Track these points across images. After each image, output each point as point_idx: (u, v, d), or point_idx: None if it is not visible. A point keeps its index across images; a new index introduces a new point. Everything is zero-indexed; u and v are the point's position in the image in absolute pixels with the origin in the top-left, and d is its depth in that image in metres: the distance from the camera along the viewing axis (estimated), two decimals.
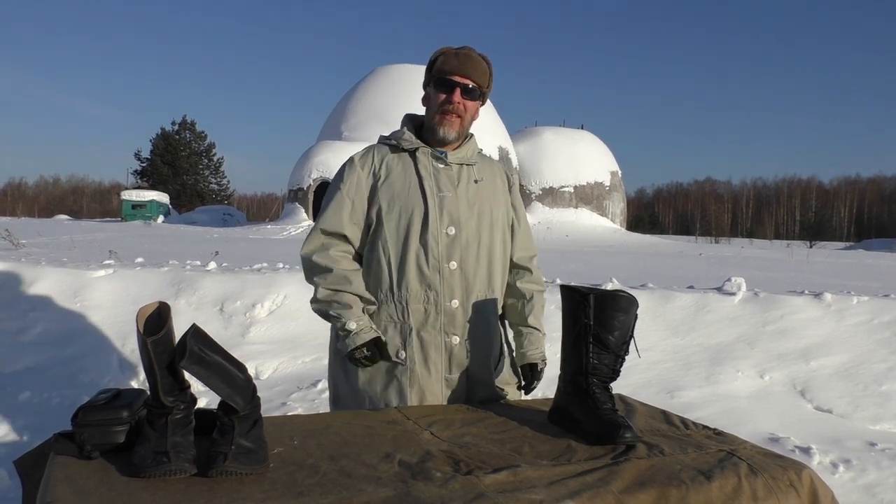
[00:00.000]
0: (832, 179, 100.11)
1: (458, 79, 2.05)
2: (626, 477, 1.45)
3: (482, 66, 2.09)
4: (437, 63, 2.08)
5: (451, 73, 2.05)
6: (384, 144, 2.15)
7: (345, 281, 2.00)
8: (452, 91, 2.05)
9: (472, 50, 2.10)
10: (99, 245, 11.69)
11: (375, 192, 2.06)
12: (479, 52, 2.12)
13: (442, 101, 2.06)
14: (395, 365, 2.03)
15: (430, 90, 2.11)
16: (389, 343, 2.03)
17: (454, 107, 2.05)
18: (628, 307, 1.75)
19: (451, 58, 2.06)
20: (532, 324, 2.18)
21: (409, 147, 2.09)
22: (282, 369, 4.31)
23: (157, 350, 1.39)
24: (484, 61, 2.10)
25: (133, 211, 37.39)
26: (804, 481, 1.52)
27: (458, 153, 2.11)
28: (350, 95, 32.42)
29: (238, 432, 1.41)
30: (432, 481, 1.39)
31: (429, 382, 2.02)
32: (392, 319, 2.03)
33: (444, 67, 2.06)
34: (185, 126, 58.09)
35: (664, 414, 1.96)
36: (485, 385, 2.11)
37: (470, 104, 2.09)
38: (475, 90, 2.08)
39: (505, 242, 2.15)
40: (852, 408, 4.04)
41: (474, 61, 2.07)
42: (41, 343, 4.28)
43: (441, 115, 2.07)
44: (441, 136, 2.07)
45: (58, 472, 1.35)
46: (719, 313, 4.95)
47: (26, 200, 79.75)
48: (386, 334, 2.03)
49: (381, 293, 2.04)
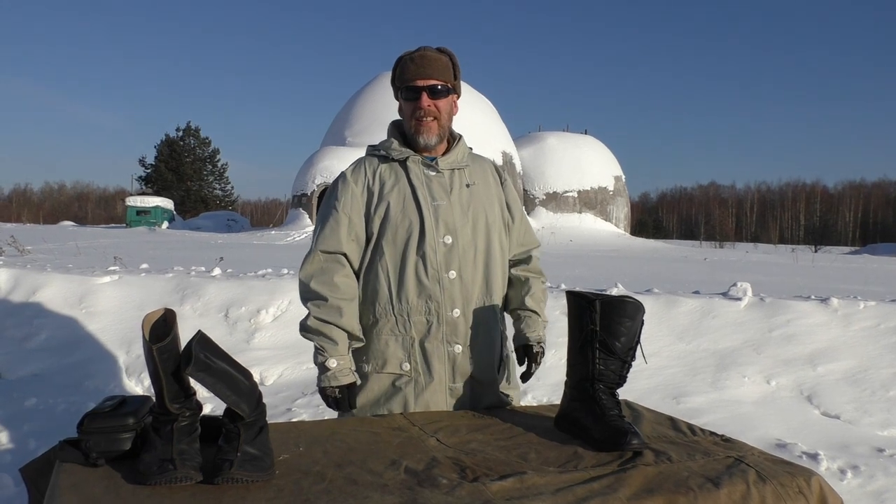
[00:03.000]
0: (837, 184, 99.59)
1: (421, 82, 2.03)
2: (633, 484, 1.44)
3: (441, 61, 2.06)
4: (397, 73, 2.07)
5: (412, 79, 2.03)
6: (373, 156, 2.13)
7: (336, 314, 1.98)
8: (419, 97, 2.03)
9: (426, 49, 2.08)
10: (104, 251, 11.73)
11: (371, 206, 2.05)
12: (437, 47, 2.10)
13: (412, 109, 2.05)
14: (399, 376, 2.02)
15: (400, 101, 2.10)
16: (392, 357, 2.02)
17: (425, 111, 2.04)
18: (635, 313, 1.74)
19: (408, 64, 2.04)
20: (529, 306, 2.15)
21: (398, 157, 2.07)
22: (286, 375, 4.31)
23: (162, 357, 1.39)
24: (442, 56, 2.07)
25: (138, 217, 37.49)
26: (813, 488, 1.50)
27: (448, 158, 2.09)
28: (354, 101, 32.50)
29: (244, 439, 1.41)
30: (438, 488, 1.38)
31: (433, 393, 2.01)
32: (394, 332, 2.02)
33: (405, 75, 2.05)
34: (189, 132, 58.23)
35: (671, 420, 1.95)
36: (489, 391, 2.10)
37: (441, 103, 2.06)
38: (441, 88, 2.05)
39: (502, 243, 2.14)
40: (860, 413, 4.01)
41: (431, 60, 2.04)
42: (46, 349, 4.29)
43: (416, 122, 2.05)
44: (423, 143, 2.06)
45: (64, 479, 1.35)
46: (725, 318, 4.93)
47: (31, 207, 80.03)
48: (388, 348, 2.03)
49: (381, 306, 2.03)
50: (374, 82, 32.44)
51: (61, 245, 14.23)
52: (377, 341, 2.04)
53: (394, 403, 2.02)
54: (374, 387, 2.04)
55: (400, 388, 2.02)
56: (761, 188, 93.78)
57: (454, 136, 2.15)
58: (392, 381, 2.03)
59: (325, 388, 1.99)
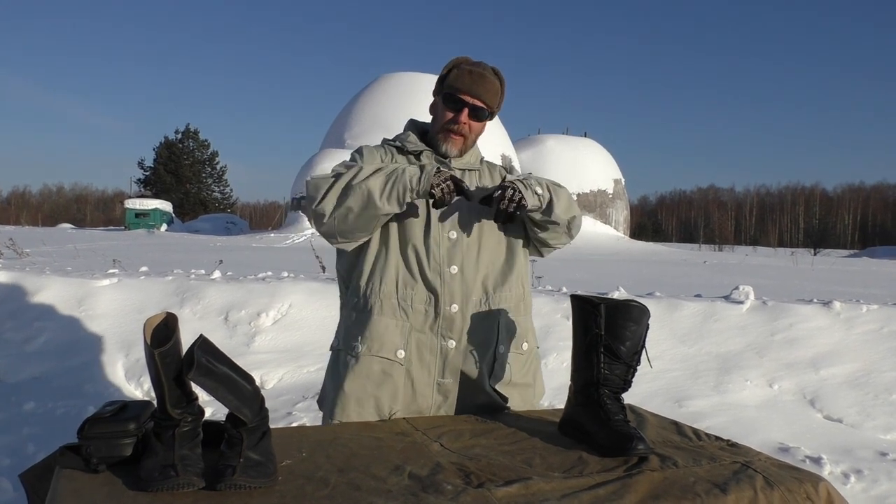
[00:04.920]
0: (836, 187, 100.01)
1: (468, 98, 2.00)
2: (639, 490, 1.43)
3: (494, 85, 2.04)
4: (449, 77, 2.04)
5: (462, 91, 2.01)
6: (390, 146, 2.12)
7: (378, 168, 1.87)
8: (461, 111, 2.01)
9: (486, 68, 2.05)
10: (103, 254, 11.72)
11: None
12: (494, 68, 2.07)
13: (448, 119, 2.03)
14: (392, 363, 1.97)
15: (439, 102, 2.08)
16: (389, 341, 1.97)
17: (459, 127, 2.02)
18: (639, 317, 1.73)
19: (464, 75, 2.01)
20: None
21: (413, 150, 2.07)
22: (287, 379, 4.30)
23: (164, 362, 1.37)
24: (497, 80, 2.05)
25: (136, 220, 37.53)
26: (821, 494, 1.49)
27: (461, 160, 2.10)
28: (353, 103, 32.53)
29: (246, 445, 1.39)
30: (443, 494, 1.37)
31: (421, 385, 1.98)
32: (395, 317, 1.98)
33: (456, 84, 2.01)
34: (188, 135, 58.32)
35: (676, 425, 1.93)
36: (480, 391, 2.04)
37: (476, 125, 2.05)
38: (483, 111, 2.04)
39: (514, 243, 2.11)
40: (863, 417, 4.00)
41: (487, 82, 2.02)
42: (46, 353, 4.27)
43: (446, 132, 2.04)
44: (443, 151, 2.05)
45: (64, 486, 1.34)
46: (727, 322, 4.92)
47: (30, 209, 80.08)
48: (387, 331, 1.97)
49: (385, 289, 1.98)
50: (373, 85, 32.49)
51: (60, 248, 14.22)
52: (378, 323, 1.98)
53: (382, 391, 1.96)
54: (364, 370, 1.97)
55: (390, 376, 1.96)
56: (760, 191, 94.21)
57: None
58: (383, 368, 1.97)
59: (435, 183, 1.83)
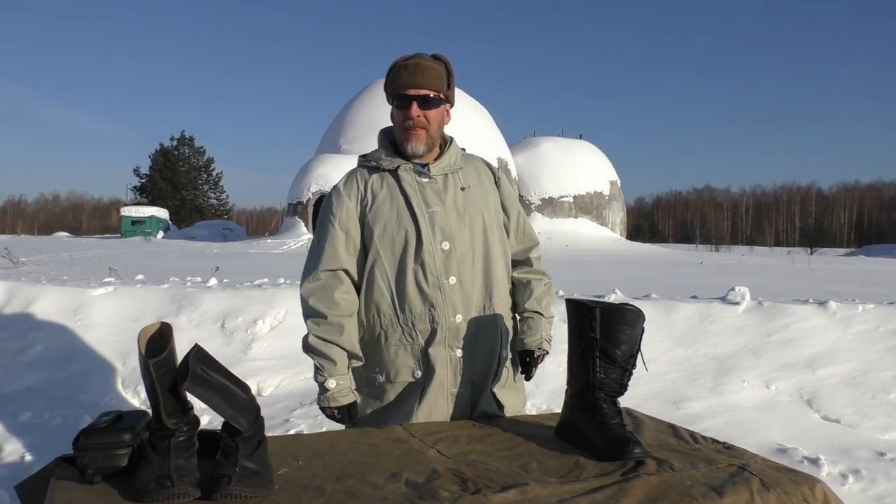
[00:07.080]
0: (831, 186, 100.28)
1: (412, 92, 2.00)
2: (636, 494, 1.43)
3: (434, 70, 2.02)
4: (389, 79, 2.05)
5: (404, 87, 2.01)
6: (364, 167, 2.11)
7: (336, 332, 1.97)
8: (409, 106, 2.01)
9: (422, 56, 2.05)
10: (99, 262, 11.69)
11: (365, 219, 2.04)
12: (433, 54, 2.07)
13: (402, 118, 2.03)
14: (411, 385, 2.02)
15: (392, 107, 2.08)
16: (404, 366, 2.02)
17: (415, 122, 2.01)
18: (635, 320, 1.73)
19: (401, 71, 2.01)
20: (530, 307, 2.13)
21: (389, 167, 2.05)
22: (284, 386, 4.28)
23: (159, 372, 1.37)
24: (437, 64, 2.04)
25: (133, 227, 37.48)
26: (818, 496, 1.49)
27: (440, 163, 2.07)
28: (348, 108, 32.51)
29: (242, 454, 1.39)
30: (440, 501, 1.37)
31: (436, 398, 2.00)
32: (402, 343, 2.01)
33: (396, 83, 2.02)
34: (183, 141, 58.28)
35: (672, 428, 1.93)
36: (486, 396, 2.07)
37: (431, 113, 2.03)
38: (433, 98, 2.03)
39: (503, 243, 2.13)
40: (860, 417, 4.00)
41: (424, 69, 2.01)
42: (42, 362, 4.26)
43: (405, 131, 2.03)
44: (410, 152, 2.04)
45: (60, 497, 1.33)
46: (724, 323, 4.92)
47: (26, 218, 79.91)
48: (398, 358, 2.02)
49: (386, 318, 2.02)
50: (368, 89, 32.46)
51: (56, 256, 14.18)
52: (387, 353, 2.03)
53: (402, 409, 2.01)
54: (389, 396, 2.04)
55: (408, 395, 2.01)
56: (756, 191, 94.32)
57: (446, 140, 2.13)
58: (403, 391, 2.03)
59: (324, 408, 2.00)
